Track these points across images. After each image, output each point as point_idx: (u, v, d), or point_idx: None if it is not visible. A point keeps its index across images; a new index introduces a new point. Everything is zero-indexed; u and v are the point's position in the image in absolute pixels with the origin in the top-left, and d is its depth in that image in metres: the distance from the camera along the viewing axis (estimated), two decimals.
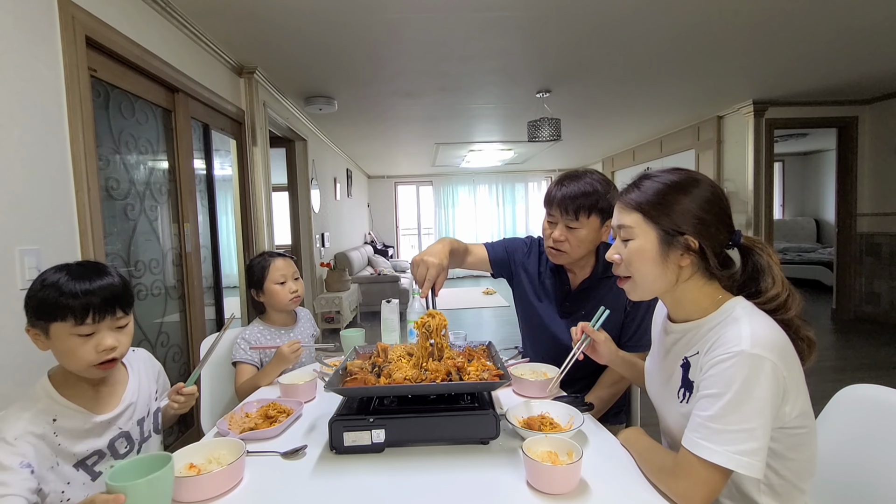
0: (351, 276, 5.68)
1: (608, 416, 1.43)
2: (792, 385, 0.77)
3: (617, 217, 0.94)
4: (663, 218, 0.86)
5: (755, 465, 0.73)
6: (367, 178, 9.38)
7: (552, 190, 1.36)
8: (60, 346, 0.90)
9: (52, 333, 0.89)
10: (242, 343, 1.58)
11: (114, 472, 0.75)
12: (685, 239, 0.85)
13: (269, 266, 1.63)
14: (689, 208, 0.85)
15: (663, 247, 0.86)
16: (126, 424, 1.02)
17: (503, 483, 0.85)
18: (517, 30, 2.66)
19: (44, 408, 0.91)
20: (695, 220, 0.85)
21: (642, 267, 0.89)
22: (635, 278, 0.91)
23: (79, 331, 0.89)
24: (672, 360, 0.93)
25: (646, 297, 0.93)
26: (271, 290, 1.62)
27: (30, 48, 1.42)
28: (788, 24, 2.72)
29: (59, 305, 0.87)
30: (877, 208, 4.75)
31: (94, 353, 0.91)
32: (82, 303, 0.88)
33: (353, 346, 1.33)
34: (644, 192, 0.89)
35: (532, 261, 1.53)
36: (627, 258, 0.90)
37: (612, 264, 0.95)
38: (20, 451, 0.84)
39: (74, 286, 0.88)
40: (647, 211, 0.88)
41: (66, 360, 0.92)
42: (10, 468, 0.81)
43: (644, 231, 0.88)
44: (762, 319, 0.81)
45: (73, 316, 0.88)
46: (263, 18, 2.40)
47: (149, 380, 1.13)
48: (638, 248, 0.89)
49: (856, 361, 3.71)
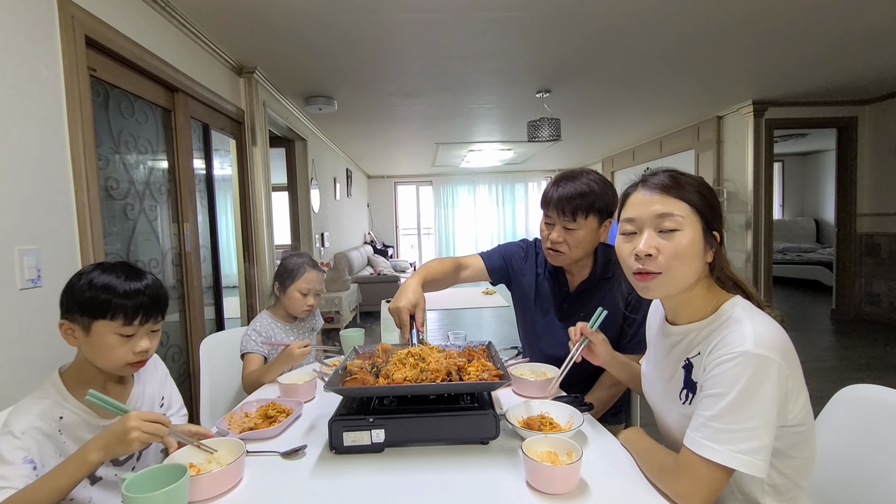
0: (351, 276, 5.68)
1: (608, 417, 1.43)
2: (794, 384, 0.78)
3: (658, 204, 0.84)
4: (707, 210, 0.84)
5: (758, 464, 0.73)
6: (367, 177, 9.37)
7: (549, 191, 1.35)
8: (99, 343, 0.92)
9: (93, 330, 0.92)
10: (253, 335, 1.63)
11: (129, 483, 0.74)
12: (715, 234, 0.85)
13: (302, 274, 1.66)
14: (716, 203, 0.86)
15: (706, 240, 0.84)
16: None
17: (503, 483, 0.85)
18: (517, 30, 2.66)
19: (52, 404, 0.92)
20: (719, 213, 0.87)
21: (685, 262, 0.83)
22: (670, 274, 0.84)
23: (123, 331, 0.92)
24: (673, 362, 0.92)
25: (669, 295, 0.88)
26: (292, 295, 1.67)
27: (29, 48, 1.42)
28: (788, 24, 2.72)
29: (112, 304, 0.91)
30: (877, 208, 4.75)
31: (131, 353, 0.95)
32: (135, 304, 0.92)
33: (353, 345, 1.33)
34: (680, 182, 0.86)
35: (529, 265, 1.53)
36: (672, 251, 0.82)
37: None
38: (25, 446, 0.85)
39: (127, 286, 0.93)
40: (693, 201, 0.83)
41: (101, 356, 0.94)
42: (12, 462, 0.83)
43: (692, 222, 0.83)
44: (763, 319, 0.81)
45: (123, 316, 0.91)
46: (263, 18, 2.40)
47: (154, 385, 1.13)
48: (687, 240, 0.82)
49: (856, 362, 3.71)
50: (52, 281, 1.46)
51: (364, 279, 6.09)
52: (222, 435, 1.04)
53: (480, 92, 3.88)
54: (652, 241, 0.84)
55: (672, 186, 0.85)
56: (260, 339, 1.63)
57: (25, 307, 1.36)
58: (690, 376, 0.87)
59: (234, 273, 3.20)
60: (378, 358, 1.19)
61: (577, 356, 1.10)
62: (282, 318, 1.73)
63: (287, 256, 1.74)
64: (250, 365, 1.57)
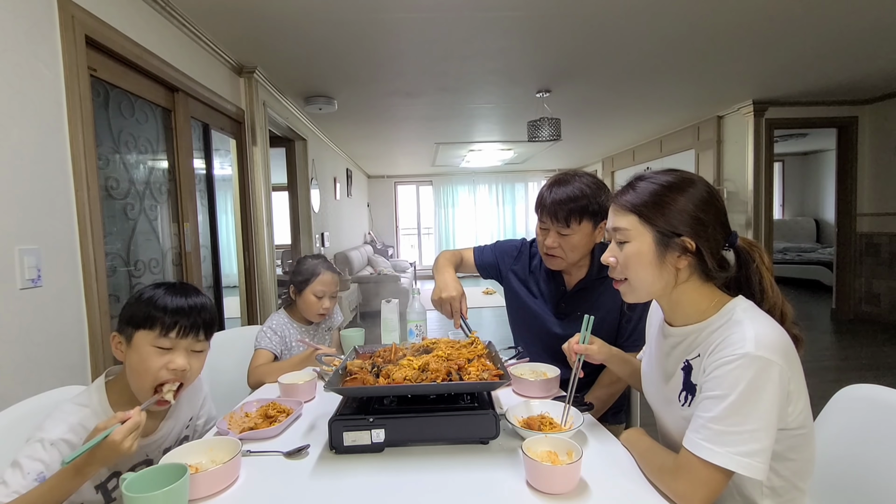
0: (351, 276, 5.68)
1: (608, 416, 1.43)
2: (794, 386, 0.77)
3: (611, 220, 0.92)
4: (659, 219, 0.85)
5: (757, 466, 0.73)
6: (367, 177, 9.37)
7: (542, 195, 1.35)
8: (137, 355, 0.93)
9: (134, 341, 0.94)
10: (268, 332, 1.64)
11: (129, 483, 0.74)
12: (682, 240, 0.84)
13: (318, 276, 1.67)
14: (686, 208, 0.84)
15: (660, 248, 0.85)
16: (153, 452, 1.03)
17: (503, 483, 0.85)
18: (517, 30, 2.66)
19: (90, 414, 0.92)
20: (691, 220, 0.84)
21: (639, 270, 0.87)
22: (632, 281, 0.90)
23: (160, 342, 0.93)
24: (672, 363, 0.92)
25: (642, 300, 0.92)
26: (307, 299, 1.67)
27: (29, 48, 1.42)
28: (788, 24, 2.72)
29: (149, 315, 0.93)
30: (877, 208, 4.75)
31: (165, 370, 0.94)
32: (173, 317, 0.94)
33: (352, 345, 1.33)
34: (639, 193, 0.88)
35: (522, 264, 1.53)
36: (623, 261, 0.89)
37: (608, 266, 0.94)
38: (46, 461, 0.85)
39: (169, 300, 0.94)
40: (643, 212, 0.86)
41: (137, 371, 0.94)
42: (27, 473, 0.83)
43: (640, 233, 0.87)
44: (765, 320, 0.80)
45: (161, 326, 0.93)
46: (263, 18, 2.40)
47: (189, 407, 1.13)
48: (634, 251, 0.87)
49: (856, 362, 3.71)
50: (52, 281, 1.46)
51: (364, 279, 6.09)
52: (222, 434, 1.04)
53: (480, 92, 3.88)
54: (610, 252, 0.92)
55: (628, 200, 0.88)
56: (273, 335, 1.63)
57: (25, 307, 1.36)
58: (689, 378, 0.86)
59: (234, 273, 3.20)
60: (378, 358, 1.19)
61: (578, 373, 1.07)
62: (298, 319, 1.73)
63: (301, 259, 1.75)
64: (259, 359, 1.58)
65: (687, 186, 0.86)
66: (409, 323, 1.55)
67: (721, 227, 0.86)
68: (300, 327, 1.72)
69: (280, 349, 1.63)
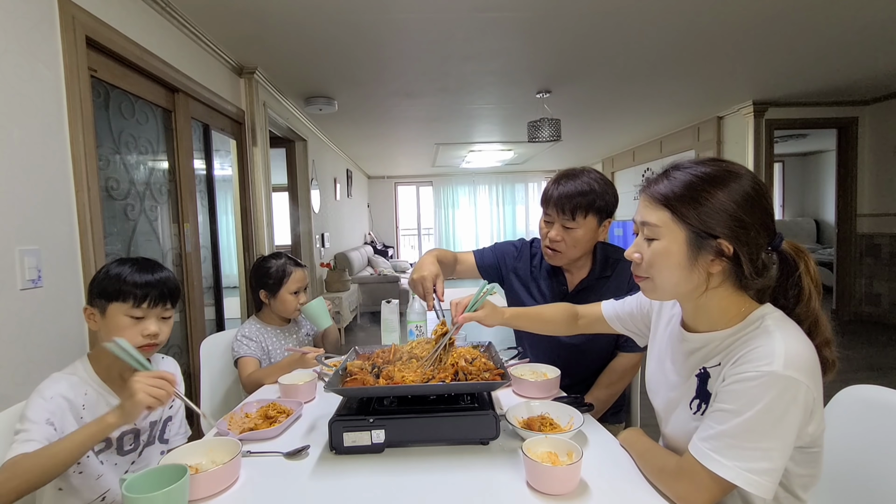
0: (351, 277, 5.68)
1: (607, 416, 1.43)
2: (817, 405, 0.73)
3: (641, 212, 0.82)
4: (694, 216, 0.75)
5: (765, 485, 0.69)
6: (367, 178, 9.37)
7: (549, 188, 1.35)
8: (112, 324, 1.03)
9: (108, 312, 1.03)
10: (244, 340, 1.62)
11: (130, 484, 0.74)
12: (718, 243, 0.74)
13: (290, 275, 1.66)
14: (726, 207, 0.74)
15: (692, 250, 0.76)
16: (140, 421, 1.09)
17: (503, 483, 0.85)
18: (517, 30, 2.66)
19: (79, 381, 1.03)
20: (731, 220, 0.74)
21: (665, 271, 0.79)
22: (654, 280, 0.81)
23: (133, 312, 1.03)
24: (686, 369, 0.86)
25: (665, 300, 0.86)
26: (284, 298, 1.66)
27: (30, 48, 1.42)
28: (788, 25, 2.72)
29: (121, 290, 1.03)
30: (877, 209, 4.75)
31: (140, 336, 1.04)
32: (143, 290, 1.04)
33: (317, 317, 1.30)
34: (673, 183, 0.78)
35: (523, 263, 1.52)
36: (649, 259, 0.80)
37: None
38: (50, 409, 0.94)
39: (138, 277, 1.04)
40: (676, 207, 0.76)
41: (113, 337, 1.00)
42: (36, 421, 0.91)
43: (671, 231, 0.77)
44: (796, 333, 0.74)
45: (133, 298, 1.03)
46: (263, 18, 2.40)
47: None
48: (662, 249, 0.78)
49: (856, 362, 3.71)
50: (52, 281, 1.46)
51: (364, 279, 6.09)
52: (222, 435, 1.04)
53: (481, 92, 3.88)
54: (636, 247, 0.84)
55: (660, 192, 0.80)
56: (249, 342, 1.60)
57: (26, 307, 1.36)
58: (705, 386, 0.81)
59: (234, 273, 3.21)
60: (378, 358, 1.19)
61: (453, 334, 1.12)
62: (274, 322, 1.71)
63: (262, 262, 1.70)
64: (247, 367, 1.56)
65: (729, 180, 0.75)
66: (409, 324, 1.55)
67: (765, 229, 0.76)
68: (275, 329, 1.69)
69: (259, 355, 1.61)
